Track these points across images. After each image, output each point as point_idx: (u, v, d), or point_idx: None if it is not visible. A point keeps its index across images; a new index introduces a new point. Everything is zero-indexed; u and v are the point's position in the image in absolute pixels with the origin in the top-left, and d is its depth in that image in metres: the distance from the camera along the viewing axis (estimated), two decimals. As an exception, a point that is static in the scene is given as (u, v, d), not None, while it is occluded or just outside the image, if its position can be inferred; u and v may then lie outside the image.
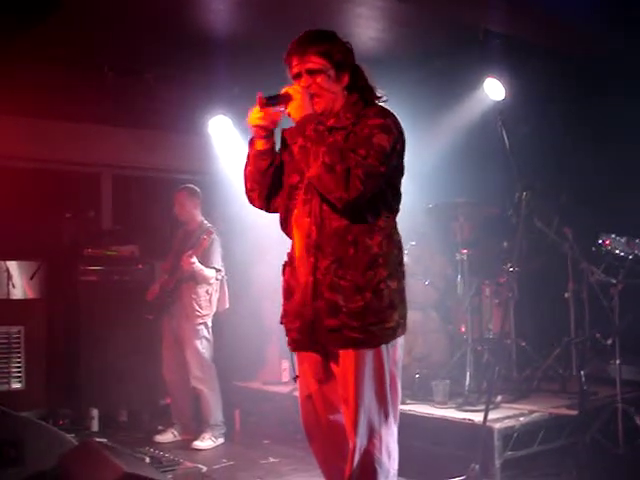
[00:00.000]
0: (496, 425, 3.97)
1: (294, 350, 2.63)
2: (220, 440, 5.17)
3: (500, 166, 4.49)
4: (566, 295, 5.12)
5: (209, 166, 6.48)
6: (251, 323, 6.10)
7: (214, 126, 6.21)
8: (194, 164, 6.80)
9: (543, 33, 5.10)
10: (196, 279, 5.15)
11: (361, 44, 4.99)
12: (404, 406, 3.20)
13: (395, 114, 2.52)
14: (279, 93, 2.49)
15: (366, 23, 5.07)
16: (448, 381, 4.58)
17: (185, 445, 5.10)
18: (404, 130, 2.52)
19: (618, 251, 4.27)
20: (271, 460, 4.70)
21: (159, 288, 5.31)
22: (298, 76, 2.54)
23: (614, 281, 4.38)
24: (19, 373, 5.58)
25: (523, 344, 5.08)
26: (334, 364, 2.54)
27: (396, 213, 2.57)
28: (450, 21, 4.98)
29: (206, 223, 5.36)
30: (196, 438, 5.10)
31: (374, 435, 2.45)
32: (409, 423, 3.39)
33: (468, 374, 4.70)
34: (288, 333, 2.61)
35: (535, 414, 4.28)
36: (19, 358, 5.59)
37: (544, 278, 5.32)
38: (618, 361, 4.34)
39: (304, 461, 4.33)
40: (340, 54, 2.55)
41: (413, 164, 2.64)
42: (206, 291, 5.21)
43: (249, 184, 2.69)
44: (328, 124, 2.50)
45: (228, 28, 5.09)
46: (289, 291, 2.60)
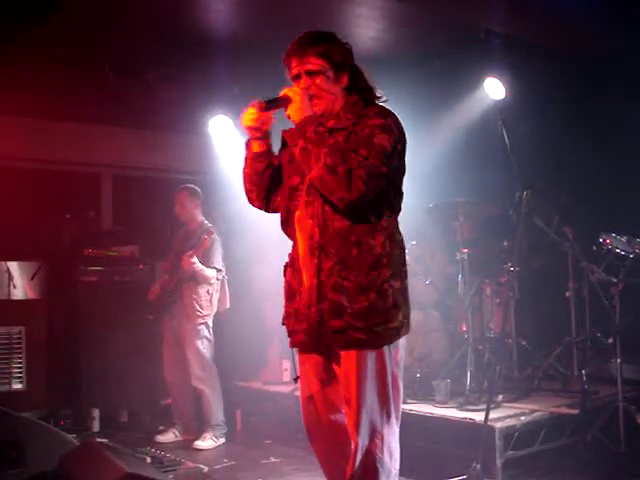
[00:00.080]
0: (497, 424, 3.97)
1: (300, 352, 2.61)
2: (221, 440, 5.18)
3: (500, 166, 4.49)
4: (567, 294, 5.13)
5: (209, 166, 6.47)
6: (252, 323, 6.10)
7: (214, 126, 6.21)
8: (194, 164, 6.79)
9: (543, 33, 5.10)
10: (197, 279, 5.15)
11: (361, 44, 5.00)
12: (405, 406, 3.19)
13: (395, 114, 2.52)
14: (278, 96, 2.49)
15: (366, 23, 5.06)
16: (449, 380, 4.57)
17: (186, 445, 5.11)
18: (404, 130, 2.52)
19: (619, 250, 4.28)
20: (272, 460, 4.70)
21: (160, 288, 5.31)
22: (297, 77, 2.54)
23: (615, 280, 4.38)
24: (20, 373, 5.58)
25: (524, 343, 5.08)
26: (336, 365, 2.54)
27: (398, 213, 2.57)
28: (450, 21, 4.98)
29: (207, 223, 5.36)
30: (197, 438, 5.11)
31: (376, 435, 2.45)
32: (410, 423, 3.39)
33: (469, 373, 4.69)
34: (292, 335, 2.60)
35: (536, 413, 4.27)
36: (20, 358, 5.59)
37: (545, 277, 5.32)
38: (619, 360, 4.34)
39: (305, 461, 4.34)
40: (339, 55, 2.55)
41: (413, 164, 2.64)
42: (207, 291, 5.21)
43: (247, 185, 2.72)
44: (328, 125, 2.50)
45: (228, 28, 5.09)
46: (291, 292, 2.59)
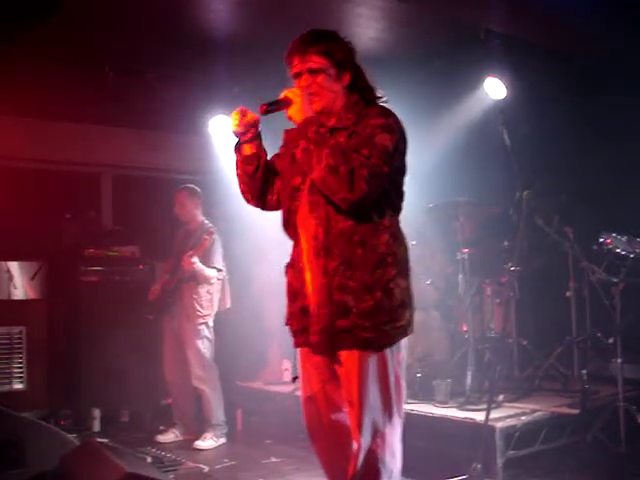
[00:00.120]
0: (498, 424, 3.97)
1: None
2: (222, 440, 5.17)
3: (501, 165, 4.49)
4: (567, 294, 5.13)
5: (209, 166, 6.46)
6: (252, 323, 6.10)
7: (214, 126, 6.20)
8: (194, 164, 6.79)
9: (543, 33, 5.09)
10: (197, 279, 5.15)
11: (361, 44, 4.93)
12: (405, 405, 3.17)
13: (396, 114, 2.52)
14: (278, 98, 2.48)
15: (366, 23, 5.06)
16: (449, 380, 4.57)
17: (187, 445, 5.11)
18: (405, 130, 2.52)
19: (619, 250, 4.27)
20: (273, 460, 4.71)
21: (160, 288, 5.31)
22: (299, 75, 2.54)
23: (615, 280, 4.37)
24: (20, 373, 5.58)
25: (524, 343, 5.08)
26: (337, 365, 2.53)
27: (399, 212, 2.57)
28: (450, 21, 4.98)
29: (207, 223, 5.36)
30: (198, 438, 5.10)
31: (378, 435, 2.45)
32: (410, 423, 3.37)
33: (469, 373, 4.69)
34: (297, 335, 2.59)
35: (537, 413, 4.27)
36: (20, 358, 5.60)
37: (545, 277, 5.32)
38: (619, 360, 4.33)
39: (306, 461, 4.33)
40: (341, 53, 2.55)
41: (414, 164, 2.64)
42: (207, 291, 5.21)
43: (241, 186, 2.74)
44: (329, 125, 2.50)
45: (228, 28, 5.08)
46: (293, 293, 2.59)
